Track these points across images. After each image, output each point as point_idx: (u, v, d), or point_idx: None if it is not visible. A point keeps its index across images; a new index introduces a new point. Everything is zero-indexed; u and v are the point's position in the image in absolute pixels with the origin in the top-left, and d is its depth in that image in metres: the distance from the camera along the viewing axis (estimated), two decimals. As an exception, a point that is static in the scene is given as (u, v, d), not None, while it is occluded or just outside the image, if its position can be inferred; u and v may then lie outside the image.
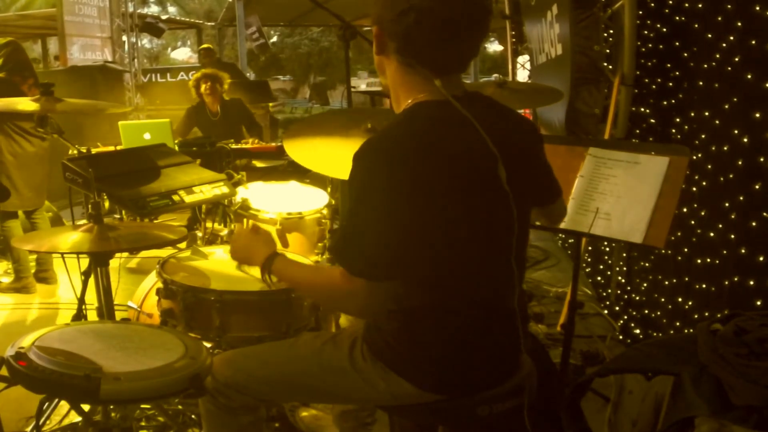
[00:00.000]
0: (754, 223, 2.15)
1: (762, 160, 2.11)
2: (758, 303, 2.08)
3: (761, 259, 2.11)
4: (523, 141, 1.51)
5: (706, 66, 2.57)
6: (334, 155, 2.40)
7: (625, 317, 3.34)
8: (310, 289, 1.62)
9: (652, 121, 3.21)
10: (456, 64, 1.42)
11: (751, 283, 2.14)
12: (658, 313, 2.97)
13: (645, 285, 3.22)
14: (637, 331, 3.14)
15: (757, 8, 2.12)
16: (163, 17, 13.90)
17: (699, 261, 2.54)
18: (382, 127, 1.40)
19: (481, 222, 1.40)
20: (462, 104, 1.38)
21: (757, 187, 2.14)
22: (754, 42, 2.16)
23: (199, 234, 3.19)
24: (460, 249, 1.39)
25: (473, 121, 1.37)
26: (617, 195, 2.15)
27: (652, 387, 1.80)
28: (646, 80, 3.24)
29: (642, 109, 3.28)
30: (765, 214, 2.11)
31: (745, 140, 2.21)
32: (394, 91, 1.47)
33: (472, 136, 1.37)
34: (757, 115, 2.14)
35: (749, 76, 2.18)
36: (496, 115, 1.47)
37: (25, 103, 2.58)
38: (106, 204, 2.74)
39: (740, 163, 2.24)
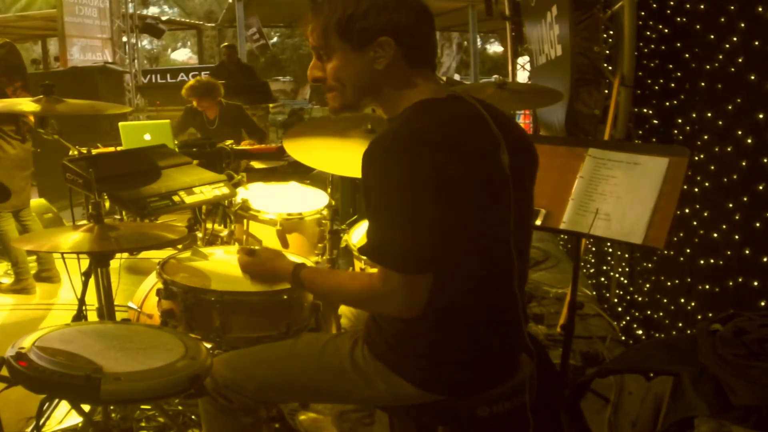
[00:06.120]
0: (758, 224, 2.14)
1: (766, 161, 2.11)
2: (762, 304, 2.07)
3: (765, 260, 2.10)
4: (521, 134, 1.55)
5: (708, 67, 2.57)
6: (334, 154, 2.40)
7: (628, 318, 3.34)
8: (346, 296, 1.56)
9: (655, 122, 3.21)
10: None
11: (756, 283, 2.14)
12: (661, 314, 2.97)
13: (648, 286, 3.22)
14: (640, 332, 3.14)
15: (760, 9, 2.13)
16: (163, 18, 13.91)
17: (702, 262, 2.54)
18: (389, 127, 1.41)
19: (485, 207, 1.40)
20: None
21: (761, 187, 2.14)
22: (757, 43, 2.16)
23: (200, 235, 3.19)
24: (465, 237, 1.39)
25: (478, 106, 1.42)
26: (617, 196, 2.15)
27: (652, 387, 1.80)
28: (649, 81, 3.24)
29: (645, 110, 3.28)
30: (768, 214, 2.10)
31: (749, 141, 2.21)
32: (390, 101, 1.48)
33: (476, 122, 1.41)
34: (761, 116, 2.14)
35: (753, 77, 2.19)
36: (493, 108, 1.51)
37: (25, 105, 2.58)
38: (107, 204, 2.75)
39: (744, 163, 2.24)
